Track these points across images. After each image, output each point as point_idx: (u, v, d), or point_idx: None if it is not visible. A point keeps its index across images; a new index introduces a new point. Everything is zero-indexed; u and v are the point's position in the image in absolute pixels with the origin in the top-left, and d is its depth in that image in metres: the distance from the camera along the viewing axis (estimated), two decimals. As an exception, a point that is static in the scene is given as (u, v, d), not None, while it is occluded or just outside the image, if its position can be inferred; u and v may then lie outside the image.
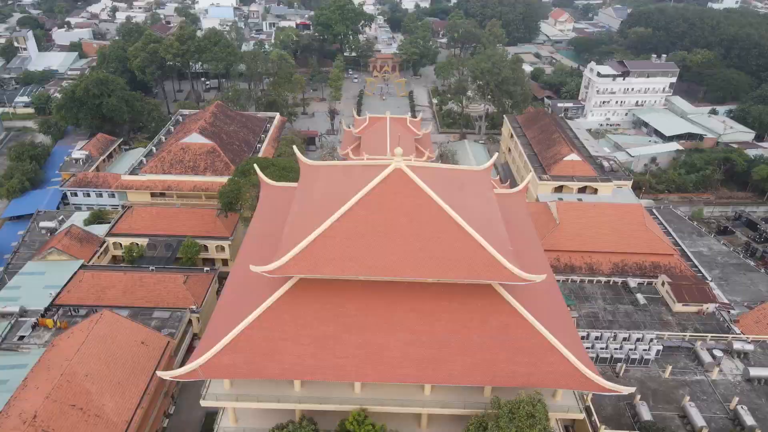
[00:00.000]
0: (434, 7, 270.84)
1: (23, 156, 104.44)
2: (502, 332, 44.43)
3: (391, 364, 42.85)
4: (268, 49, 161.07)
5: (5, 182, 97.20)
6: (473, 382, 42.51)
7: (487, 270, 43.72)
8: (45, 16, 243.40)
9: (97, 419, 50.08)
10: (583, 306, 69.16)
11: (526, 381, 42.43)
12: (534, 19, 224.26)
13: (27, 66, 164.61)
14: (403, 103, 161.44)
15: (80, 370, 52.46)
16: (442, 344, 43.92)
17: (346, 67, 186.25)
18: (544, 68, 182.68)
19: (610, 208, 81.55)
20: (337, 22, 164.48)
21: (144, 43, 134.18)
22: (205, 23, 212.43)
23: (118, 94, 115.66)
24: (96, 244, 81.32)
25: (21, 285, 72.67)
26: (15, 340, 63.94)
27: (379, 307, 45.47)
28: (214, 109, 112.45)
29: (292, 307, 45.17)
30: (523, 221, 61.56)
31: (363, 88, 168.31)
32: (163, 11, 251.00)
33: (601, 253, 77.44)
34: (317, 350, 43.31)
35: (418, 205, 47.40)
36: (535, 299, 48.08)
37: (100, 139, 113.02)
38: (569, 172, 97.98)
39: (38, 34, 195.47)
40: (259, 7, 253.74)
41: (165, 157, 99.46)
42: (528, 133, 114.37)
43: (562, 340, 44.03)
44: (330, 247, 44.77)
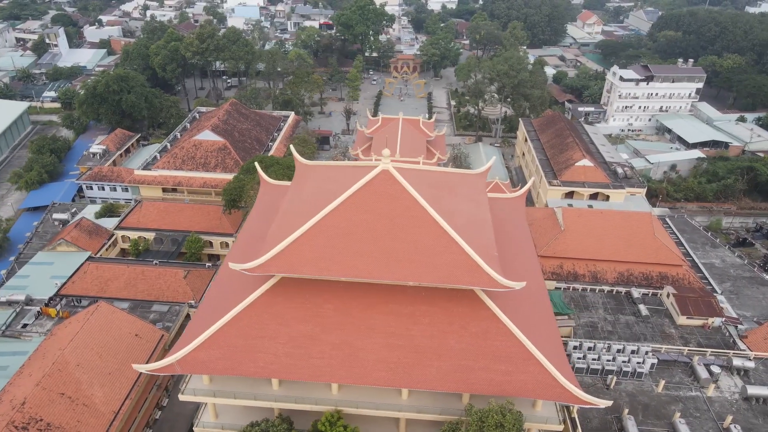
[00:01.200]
0: (460, 8, 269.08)
1: (43, 149, 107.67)
2: (480, 339, 43.77)
3: (366, 366, 42.63)
4: (289, 49, 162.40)
5: (24, 174, 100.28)
6: (447, 389, 41.94)
7: (466, 275, 43.12)
8: (79, 13, 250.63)
9: (85, 408, 51.17)
10: (583, 315, 67.61)
11: (502, 390, 41.68)
12: (560, 21, 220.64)
13: (57, 62, 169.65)
14: (421, 104, 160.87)
15: (72, 360, 53.68)
16: (418, 348, 43.50)
17: (367, 67, 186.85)
18: (567, 71, 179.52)
19: (618, 216, 79.54)
20: (358, 22, 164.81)
21: (165, 41, 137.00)
22: (230, 22, 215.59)
23: (137, 90, 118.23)
24: (104, 236, 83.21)
25: (29, 274, 74.83)
26: (19, 327, 65.89)
27: (358, 309, 45.30)
28: (229, 107, 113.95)
29: (272, 306, 45.36)
30: (518, 227, 60.66)
31: (382, 89, 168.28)
32: (192, 10, 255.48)
33: (606, 261, 75.59)
34: (293, 350, 43.39)
35: (402, 207, 47.08)
36: (520, 306, 47.27)
37: (118, 134, 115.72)
38: (580, 177, 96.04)
39: (70, 32, 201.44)
40: (285, 6, 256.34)
41: (177, 154, 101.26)
42: (542, 137, 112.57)
43: (542, 349, 43.14)
44: (310, 248, 44.78)
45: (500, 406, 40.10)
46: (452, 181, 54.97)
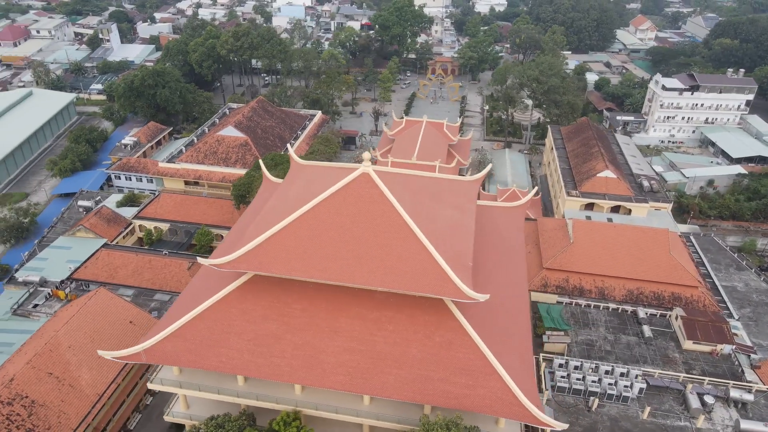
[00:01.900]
0: (508, 11, 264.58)
1: (80, 139, 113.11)
2: (444, 349, 42.84)
3: (325, 369, 42.49)
4: (326, 48, 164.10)
5: (59, 162, 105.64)
6: (404, 398, 41.21)
7: (432, 283, 42.29)
8: (137, 10, 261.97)
9: (71, 389, 53.35)
10: (582, 332, 65.03)
11: (460, 403, 40.62)
12: (609, 26, 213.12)
13: (108, 56, 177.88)
14: (454, 107, 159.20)
15: (65, 342, 56.08)
16: (379, 355, 42.99)
17: (404, 69, 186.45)
18: (611, 78, 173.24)
19: (632, 231, 76.11)
20: (395, 23, 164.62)
21: (204, 39, 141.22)
22: (274, 21, 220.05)
23: (171, 85, 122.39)
24: (122, 225, 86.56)
25: (48, 257, 78.81)
26: (29, 307, 69.50)
27: (325, 311, 45.24)
28: (255, 105, 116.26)
29: (242, 302, 45.93)
30: (512, 237, 59.03)
31: (416, 91, 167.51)
32: (242, 9, 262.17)
33: (615, 277, 72.46)
34: (257, 347, 43.76)
35: (378, 211, 46.68)
36: (491, 319, 45.98)
37: (151, 127, 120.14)
38: (601, 189, 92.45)
39: (124, 27, 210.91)
40: (332, 6, 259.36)
41: (201, 148, 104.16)
42: (568, 145, 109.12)
43: (507, 364, 41.81)
44: (282, 247, 45.06)
45: (447, 420, 39.05)
46: (440, 187, 54.03)
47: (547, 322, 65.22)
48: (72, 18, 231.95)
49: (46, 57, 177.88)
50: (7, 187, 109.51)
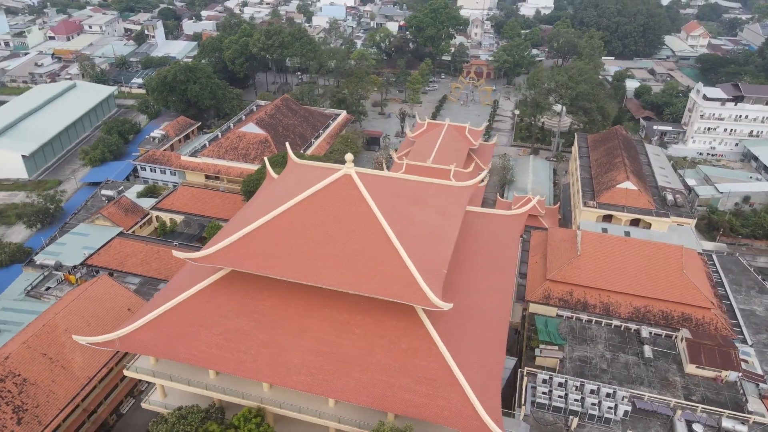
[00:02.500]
0: (553, 14, 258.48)
1: (112, 130, 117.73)
2: (409, 357, 42.25)
3: (289, 368, 42.62)
4: (360, 48, 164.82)
5: (90, 152, 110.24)
6: (363, 403, 40.83)
7: (400, 289, 41.82)
8: (186, 8, 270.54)
9: (63, 370, 55.55)
10: (579, 348, 62.75)
11: (418, 412, 39.93)
12: (656, 31, 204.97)
13: (152, 52, 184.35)
14: (485, 111, 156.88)
15: (61, 324, 58.45)
16: (344, 358, 42.79)
17: (439, 71, 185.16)
18: (652, 86, 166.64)
19: (644, 246, 72.94)
20: (429, 24, 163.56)
21: (238, 37, 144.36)
22: (314, 20, 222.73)
23: (202, 81, 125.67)
24: (139, 215, 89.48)
25: (66, 243, 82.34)
26: (42, 289, 72.77)
27: (296, 310, 45.43)
28: (279, 102, 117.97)
29: (217, 297, 46.67)
30: (505, 246, 57.71)
31: (448, 93, 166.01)
32: (286, 8, 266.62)
33: (622, 293, 69.63)
34: (225, 342, 44.33)
35: (355, 213, 46.58)
36: (464, 329, 45.05)
37: (180, 121, 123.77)
38: (620, 201, 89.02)
39: (171, 24, 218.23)
40: (374, 7, 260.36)
41: (222, 143, 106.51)
42: (592, 154, 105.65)
43: (471, 376, 40.84)
44: (257, 244, 45.57)
45: (394, 429, 38.38)
46: (427, 192, 53.31)
47: (542, 335, 63.31)
48: (124, 14, 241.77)
49: (95, 51, 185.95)
50: (44, 174, 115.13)
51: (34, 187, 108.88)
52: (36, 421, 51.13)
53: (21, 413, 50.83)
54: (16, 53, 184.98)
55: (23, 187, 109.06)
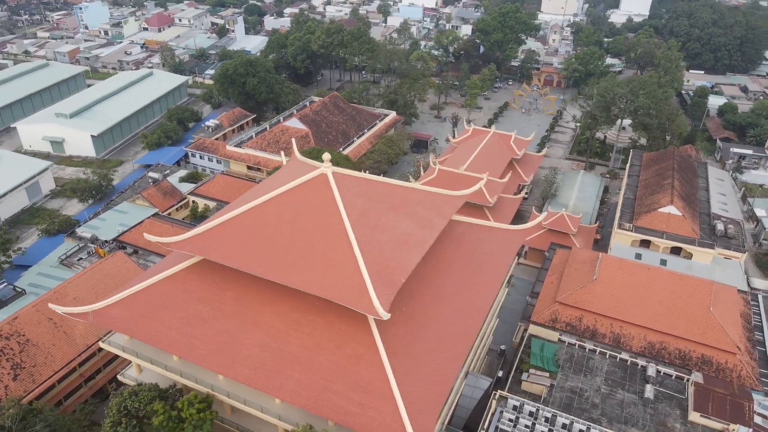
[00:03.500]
0: (644, 22, 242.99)
1: (172, 117, 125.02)
2: (351, 363, 41.54)
3: (234, 360, 43.22)
4: (419, 50, 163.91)
5: (149, 136, 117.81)
6: (297, 404, 40.55)
7: (348, 293, 41.22)
8: (273, 4, 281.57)
9: (64, 336, 59.81)
10: (574, 378, 58.79)
11: (347, 420, 39.12)
12: (756, 45, 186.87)
13: (230, 45, 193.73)
14: (546, 120, 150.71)
15: (71, 293, 62.91)
16: (289, 356, 42.80)
17: (507, 77, 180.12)
18: (740, 105, 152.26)
19: (669, 277, 66.96)
20: (496, 28, 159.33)
21: (302, 34, 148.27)
22: (389, 21, 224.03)
23: (260, 75, 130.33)
24: (177, 198, 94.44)
25: (106, 219, 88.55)
26: (75, 260, 78.72)
27: (253, 303, 46.03)
28: (327, 99, 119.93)
29: (185, 282, 48.25)
30: (495, 261, 55.20)
31: (511, 101, 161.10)
32: (367, 8, 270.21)
33: (636, 325, 64.35)
34: (184, 326, 45.71)
35: (323, 213, 46.53)
36: (418, 342, 43.60)
37: (236, 112, 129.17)
38: (660, 226, 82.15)
39: (253, 20, 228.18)
40: (453, 9, 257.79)
41: (266, 136, 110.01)
42: (644, 173, 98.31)
43: (409, 390, 39.47)
44: (226, 235, 46.76)
45: None
46: (411, 198, 51.99)
47: (534, 359, 60.02)
48: (215, 9, 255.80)
49: (180, 43, 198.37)
50: (110, 154, 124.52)
51: (99, 165, 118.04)
52: (30, 380, 55.44)
53: (18, 370, 55.33)
54: (112, 42, 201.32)
55: (90, 164, 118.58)
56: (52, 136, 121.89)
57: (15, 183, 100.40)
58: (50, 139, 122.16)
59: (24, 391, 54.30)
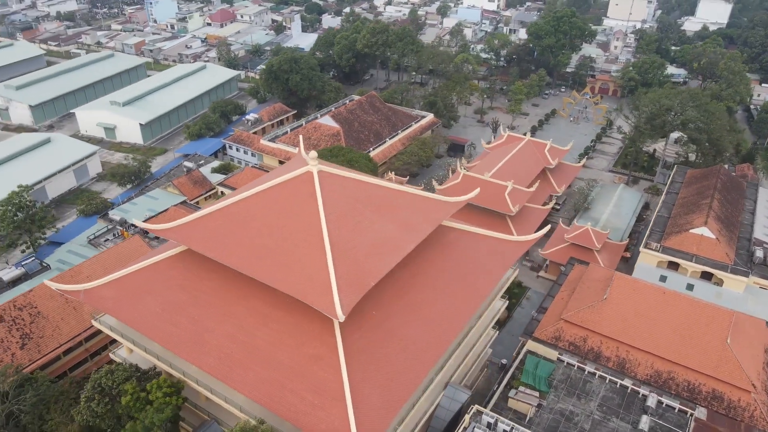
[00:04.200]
0: (720, 31, 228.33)
1: (216, 110, 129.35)
2: (310, 362, 41.55)
3: (202, 349, 44.13)
4: (470, 53, 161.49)
5: (191, 127, 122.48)
6: (254, 398, 40.89)
7: (311, 292, 41.27)
8: (336, 4, 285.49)
9: (73, 311, 63.15)
10: (566, 400, 56.16)
11: (297, 420, 39.13)
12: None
13: (285, 42, 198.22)
14: (593, 131, 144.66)
15: (86, 271, 66.27)
16: (253, 350, 43.29)
17: (560, 83, 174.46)
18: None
19: (685, 303, 62.57)
20: (548, 33, 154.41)
21: (349, 33, 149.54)
22: (445, 22, 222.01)
23: (303, 72, 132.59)
24: (205, 188, 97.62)
25: (138, 203, 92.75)
26: (102, 240, 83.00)
27: (229, 295, 46.90)
28: (363, 99, 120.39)
29: (171, 269, 49.83)
30: (486, 272, 53.66)
31: (560, 109, 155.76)
32: (427, 9, 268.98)
33: (644, 351, 60.69)
34: (162, 311, 47.16)
35: (303, 211, 46.84)
36: (382, 347, 43.00)
37: (276, 107, 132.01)
38: (690, 248, 76.92)
39: (312, 18, 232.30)
40: (513, 12, 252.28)
41: (299, 132, 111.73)
42: (683, 191, 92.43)
43: (363, 396, 39.01)
44: (207, 226, 47.92)
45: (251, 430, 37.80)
46: (399, 201, 51.31)
47: (526, 377, 57.78)
48: (278, 7, 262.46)
49: (239, 38, 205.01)
50: (156, 142, 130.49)
51: (145, 152, 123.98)
52: (36, 349, 58.95)
53: (26, 340, 58.95)
54: (176, 36, 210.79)
55: (137, 151, 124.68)
56: (106, 123, 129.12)
57: (64, 165, 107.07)
58: (104, 126, 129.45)
59: (29, 360, 57.80)
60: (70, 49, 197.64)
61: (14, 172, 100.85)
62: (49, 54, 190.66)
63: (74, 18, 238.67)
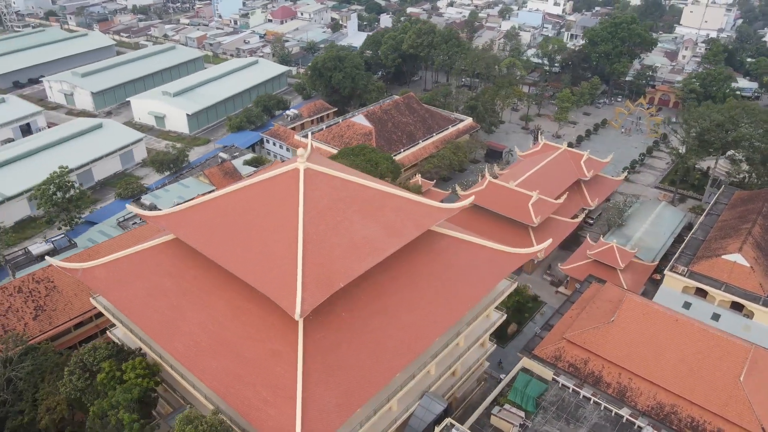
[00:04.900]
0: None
1: (259, 104, 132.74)
2: (270, 358, 41.87)
3: (174, 335, 45.30)
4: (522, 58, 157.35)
5: (233, 119, 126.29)
6: (213, 388, 41.49)
7: (275, 288, 41.57)
8: (398, 4, 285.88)
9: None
10: (553, 423, 53.68)
11: (249, 414, 39.48)
12: None
13: (339, 41, 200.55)
14: (645, 143, 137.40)
15: (103, 251, 69.36)
16: (220, 341, 44.07)
17: (617, 92, 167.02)
18: None
19: (699, 333, 58.16)
20: (604, 39, 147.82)
21: (397, 33, 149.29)
22: (503, 25, 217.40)
23: (347, 71, 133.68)
24: (235, 179, 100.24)
25: (169, 190, 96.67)
26: (130, 223, 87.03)
27: (208, 284, 47.99)
28: (400, 99, 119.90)
29: (161, 255, 51.58)
30: (474, 283, 52.19)
31: (612, 119, 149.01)
32: (489, 11, 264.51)
33: (647, 381, 57.05)
34: (146, 296, 48.81)
35: (284, 207, 47.25)
36: (347, 350, 42.69)
37: (317, 104, 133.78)
38: (720, 275, 71.42)
39: (370, 18, 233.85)
40: (578, 17, 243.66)
41: (333, 130, 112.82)
42: (726, 213, 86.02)
43: (317, 398, 38.95)
44: (195, 217, 49.31)
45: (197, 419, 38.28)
46: (387, 203, 50.71)
47: (514, 395, 55.78)
48: (340, 5, 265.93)
49: (296, 35, 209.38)
50: (201, 132, 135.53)
51: (189, 141, 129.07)
52: (48, 321, 62.65)
53: (39, 312, 62.77)
54: (237, 31, 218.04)
55: (182, 140, 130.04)
56: (156, 112, 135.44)
57: (110, 149, 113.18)
58: (154, 114, 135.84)
59: (39, 331, 61.53)
60: (139, 40, 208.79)
61: (65, 153, 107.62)
62: (120, 45, 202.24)
63: (147, 11, 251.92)
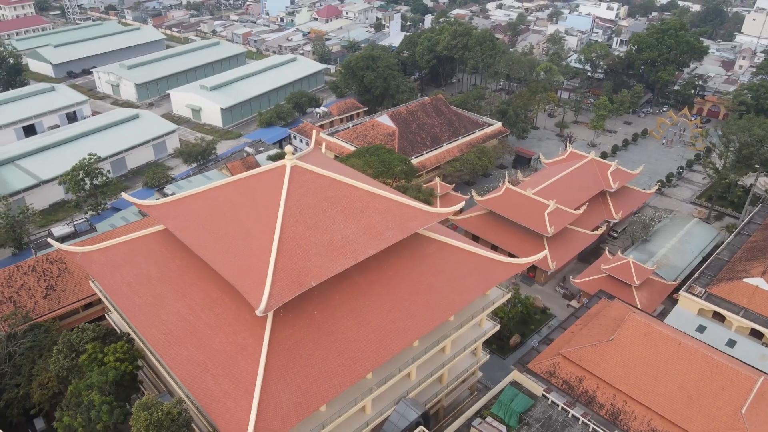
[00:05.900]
0: None
1: (290, 100, 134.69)
2: (236, 350, 42.38)
3: (153, 322, 46.39)
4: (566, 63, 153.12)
5: (263, 114, 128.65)
6: (180, 377, 42.24)
7: (246, 283, 42.04)
8: (446, 5, 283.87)
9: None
10: (537, 441, 51.96)
11: (209, 405, 39.96)
12: None
13: (380, 40, 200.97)
14: (684, 156, 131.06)
15: (115, 236, 71.95)
16: (194, 331, 44.83)
17: (664, 102, 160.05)
18: None
19: (703, 359, 54.85)
20: (651, 46, 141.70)
21: (433, 34, 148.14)
22: (549, 28, 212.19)
23: (379, 71, 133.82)
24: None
25: (193, 182, 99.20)
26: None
27: (189, 274, 49.03)
28: (427, 101, 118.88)
29: (152, 243, 53.10)
30: (458, 291, 51.17)
31: (653, 130, 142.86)
32: (538, 14, 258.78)
33: (642, 405, 54.37)
34: (133, 282, 50.25)
35: (267, 203, 47.82)
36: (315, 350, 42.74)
37: (348, 103, 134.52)
38: (740, 299, 67.14)
39: (415, 18, 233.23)
40: (630, 22, 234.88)
41: (358, 129, 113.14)
42: (757, 234, 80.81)
43: (276, 395, 39.16)
44: (183, 208, 50.54)
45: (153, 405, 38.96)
46: (372, 205, 50.34)
47: (497, 408, 54.36)
48: (387, 5, 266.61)
49: (339, 34, 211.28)
50: (234, 126, 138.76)
51: (221, 134, 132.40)
52: (57, 301, 65.57)
53: (50, 291, 65.79)
54: (282, 28, 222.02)
55: (215, 133, 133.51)
56: (193, 105, 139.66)
57: (144, 139, 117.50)
58: (191, 107, 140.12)
59: (48, 309, 64.48)
60: (188, 35, 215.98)
61: (101, 141, 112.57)
62: (170, 39, 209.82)
63: (200, 8, 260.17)
